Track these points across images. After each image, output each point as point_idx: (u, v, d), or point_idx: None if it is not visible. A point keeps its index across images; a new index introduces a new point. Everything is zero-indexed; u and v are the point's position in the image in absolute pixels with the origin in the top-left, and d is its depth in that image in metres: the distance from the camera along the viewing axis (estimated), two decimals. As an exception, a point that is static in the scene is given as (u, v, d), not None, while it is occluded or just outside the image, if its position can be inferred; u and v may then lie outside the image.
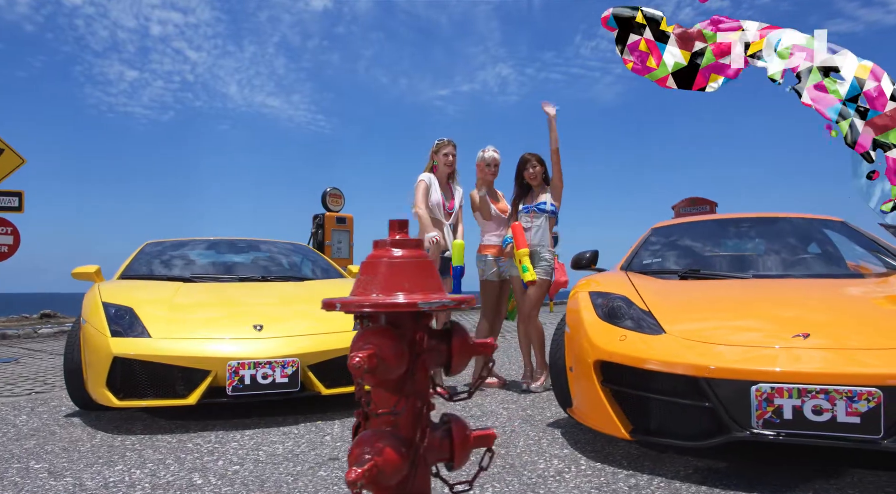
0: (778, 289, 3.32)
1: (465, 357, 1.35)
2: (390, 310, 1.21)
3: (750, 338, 2.74)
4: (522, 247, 4.82)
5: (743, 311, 3.09)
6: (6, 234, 7.93)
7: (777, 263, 3.85)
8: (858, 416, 2.41)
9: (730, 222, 4.50)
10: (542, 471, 2.88)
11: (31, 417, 4.25)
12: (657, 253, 4.30)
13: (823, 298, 3.12)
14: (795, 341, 2.65)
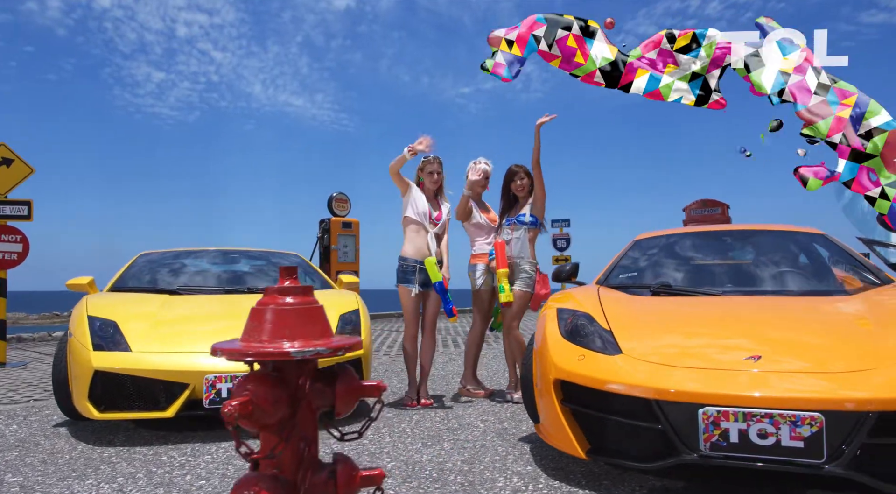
0: (743, 307, 3.31)
1: (350, 400, 1.39)
2: (264, 359, 1.25)
3: (702, 360, 2.74)
4: (502, 267, 4.87)
5: (703, 331, 3.09)
6: (16, 242, 8.10)
7: (751, 278, 3.84)
8: (802, 440, 2.41)
9: (711, 234, 4.49)
10: (498, 490, 2.91)
11: (21, 427, 4.37)
12: (634, 267, 4.30)
13: (786, 318, 3.11)
14: (746, 363, 2.66)
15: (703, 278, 3.92)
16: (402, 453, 3.56)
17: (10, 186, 8.08)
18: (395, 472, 3.20)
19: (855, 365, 2.57)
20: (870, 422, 2.39)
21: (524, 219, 5.06)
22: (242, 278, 5.33)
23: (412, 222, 4.87)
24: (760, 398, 2.47)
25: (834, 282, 3.71)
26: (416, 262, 4.83)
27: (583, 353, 3.03)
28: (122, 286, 5.00)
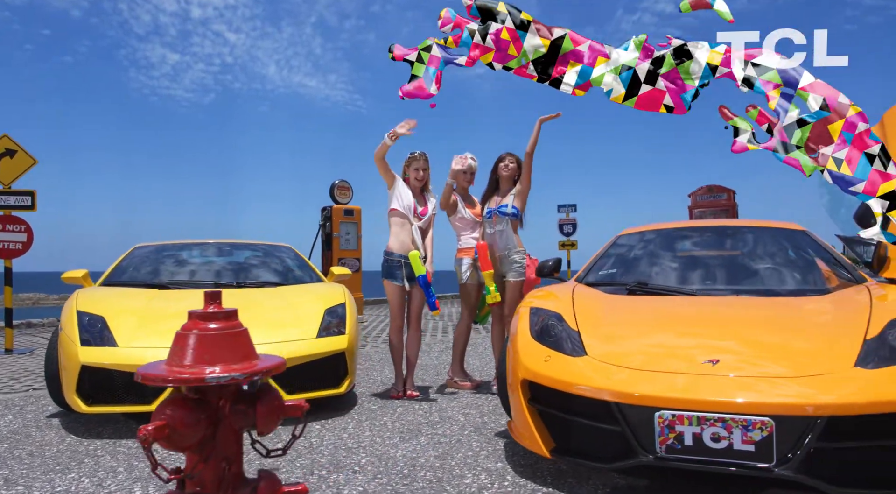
0: (713, 309, 3.33)
1: (271, 420, 1.45)
2: (182, 384, 1.31)
3: (662, 364, 2.78)
4: (487, 269, 4.92)
5: (668, 333, 3.13)
6: (20, 232, 8.25)
7: (727, 277, 3.85)
8: (753, 444, 2.46)
9: (693, 230, 4.50)
10: (465, 487, 2.98)
11: (17, 417, 4.50)
12: (615, 264, 4.33)
13: (752, 320, 3.13)
14: (704, 367, 2.69)
15: (681, 276, 3.94)
16: (378, 447, 3.64)
17: (13, 177, 8.21)
18: (368, 467, 3.28)
19: (810, 370, 2.60)
20: (819, 427, 2.42)
21: (506, 210, 5.11)
22: (233, 273, 5.41)
23: (397, 215, 4.92)
24: (714, 403, 2.51)
25: (808, 281, 3.72)
26: (401, 257, 4.88)
27: (549, 354, 3.08)
28: (114, 280, 5.10)
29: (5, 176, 8.15)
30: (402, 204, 4.92)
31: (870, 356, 2.64)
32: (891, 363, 2.60)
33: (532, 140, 5.09)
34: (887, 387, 2.48)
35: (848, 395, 2.45)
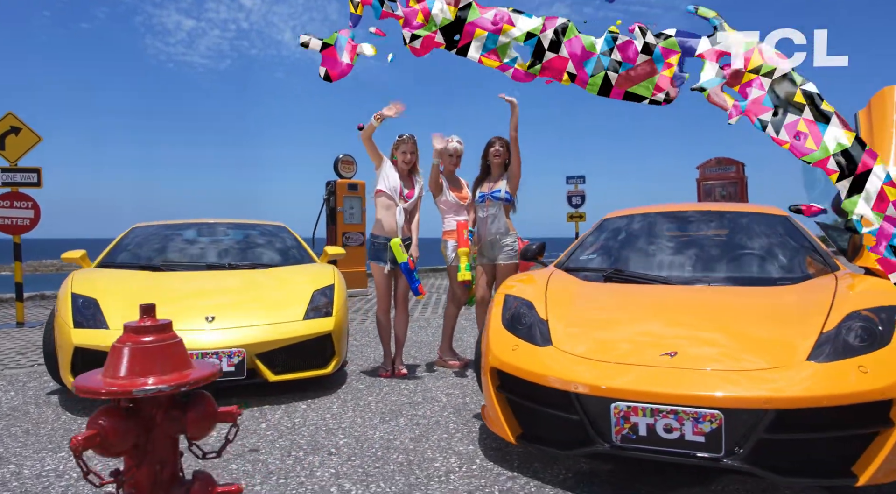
0: (681, 299, 3.38)
1: (203, 426, 1.54)
2: (112, 397, 1.40)
3: (621, 355, 2.84)
4: (462, 246, 4.99)
5: (633, 323, 3.18)
6: (27, 208, 8.42)
7: (703, 264, 3.88)
8: (703, 436, 2.53)
9: (675, 215, 4.51)
10: (434, 470, 3.09)
11: (18, 394, 4.68)
12: (596, 249, 4.37)
13: (717, 310, 3.18)
14: (662, 360, 2.75)
15: (658, 263, 3.97)
16: (357, 428, 3.76)
17: (19, 154, 8.34)
18: (344, 449, 3.40)
19: (763, 363, 2.65)
20: (767, 419, 2.49)
21: (499, 195, 5.14)
22: (226, 254, 5.51)
23: (383, 196, 4.98)
24: (666, 396, 2.58)
25: (781, 269, 3.74)
26: (386, 239, 4.96)
27: (517, 343, 3.16)
28: (110, 261, 5.23)
29: (11, 154, 8.28)
30: (389, 186, 4.97)
31: (823, 350, 2.69)
32: (843, 356, 2.64)
33: (512, 123, 5.08)
34: (835, 381, 2.53)
35: (796, 390, 2.50)
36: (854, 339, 2.74)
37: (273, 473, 3.09)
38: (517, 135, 5.11)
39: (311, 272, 5.09)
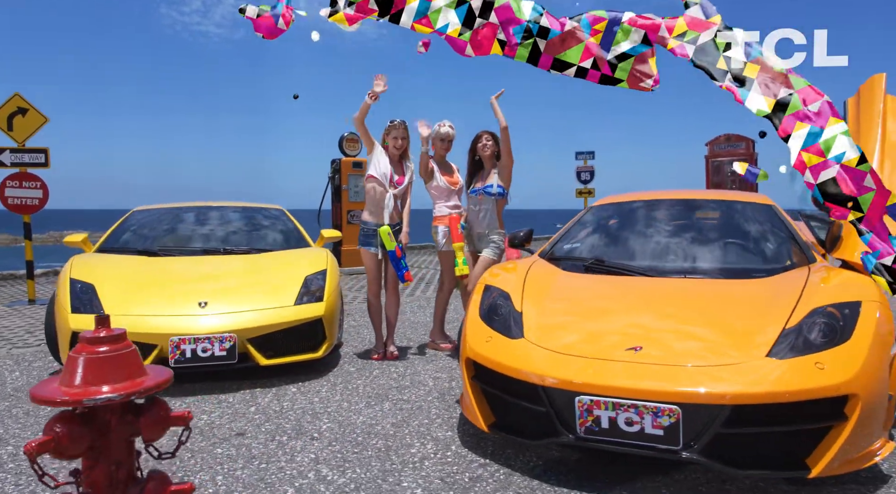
0: (655, 292, 3.43)
1: (156, 429, 1.64)
2: (65, 405, 1.50)
3: (587, 349, 2.92)
4: (457, 241, 5.05)
5: (605, 317, 3.24)
6: (36, 188, 8.58)
7: (683, 255, 3.91)
8: (662, 429, 2.61)
9: (661, 204, 4.53)
10: (409, 456, 3.21)
11: (23, 374, 4.86)
12: (581, 237, 4.42)
13: (687, 304, 3.23)
14: (626, 354, 2.83)
15: (638, 253, 4.02)
16: (342, 413, 3.88)
17: (26, 134, 8.48)
18: (327, 434, 3.53)
19: (723, 359, 2.72)
20: (724, 414, 2.56)
21: (491, 190, 5.19)
22: (221, 238, 5.62)
23: (373, 181, 5.05)
24: (628, 390, 2.66)
25: (758, 261, 3.77)
26: (376, 225, 5.03)
27: (491, 335, 3.25)
28: (109, 246, 5.35)
29: (19, 134, 8.42)
30: (379, 171, 5.03)
31: (783, 346, 2.75)
32: (802, 353, 2.70)
33: (499, 117, 5.13)
34: (791, 378, 2.59)
35: (752, 386, 2.57)
36: (815, 335, 2.79)
37: (255, 457, 3.22)
38: (507, 126, 5.14)
39: (305, 257, 5.19)
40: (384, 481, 2.94)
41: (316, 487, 2.88)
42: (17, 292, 9.88)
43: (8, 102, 8.35)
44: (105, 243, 5.41)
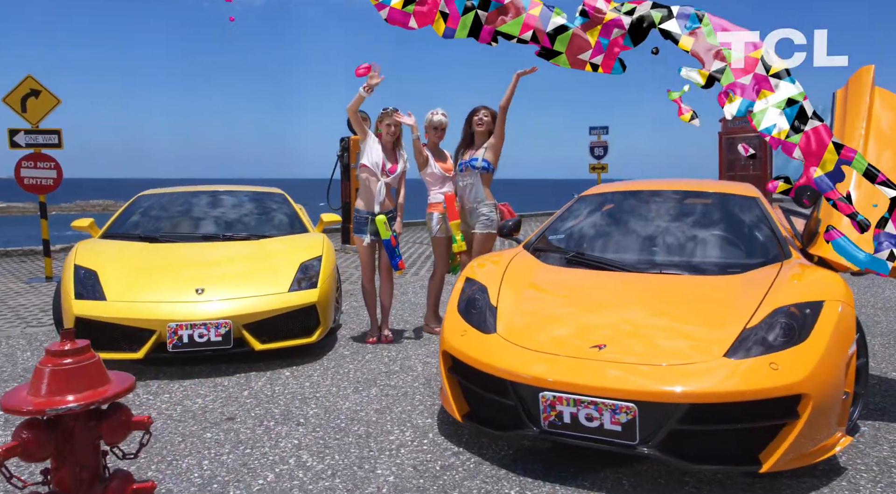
0: (627, 288, 3.50)
1: (117, 434, 1.79)
2: (30, 415, 1.65)
3: (553, 346, 3.02)
4: (453, 219, 5.14)
5: (575, 313, 3.32)
6: (50, 168, 8.80)
7: (662, 249, 3.98)
8: (620, 425, 2.73)
9: (647, 195, 4.57)
10: (387, 443, 3.36)
11: (34, 354, 5.09)
12: (566, 228, 4.49)
13: (656, 302, 3.31)
14: (591, 352, 2.93)
15: (618, 246, 4.09)
16: (331, 398, 4.04)
17: (40, 116, 8.67)
18: (312, 420, 3.69)
19: (681, 359, 2.81)
20: (679, 412, 2.67)
21: (476, 164, 5.26)
22: (221, 224, 5.77)
23: (366, 171, 5.15)
24: (588, 388, 2.77)
25: (734, 256, 3.82)
26: (368, 214, 5.15)
27: (466, 329, 3.36)
28: (114, 231, 5.53)
29: (32, 116, 8.61)
30: (371, 160, 5.13)
31: (741, 347, 2.83)
32: (758, 353, 2.79)
33: (508, 94, 5.21)
34: (745, 378, 2.69)
35: (706, 386, 2.67)
36: (774, 335, 2.87)
37: (242, 442, 3.40)
38: (508, 106, 5.20)
39: (301, 243, 5.33)
40: (360, 468, 3.10)
41: (294, 473, 3.05)
42: (37, 268, 10.17)
43: (21, 84, 8.53)
44: (110, 228, 5.59)
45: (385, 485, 2.92)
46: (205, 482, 2.98)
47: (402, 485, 2.92)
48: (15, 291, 8.19)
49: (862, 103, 4.06)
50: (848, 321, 3.01)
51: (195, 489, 2.91)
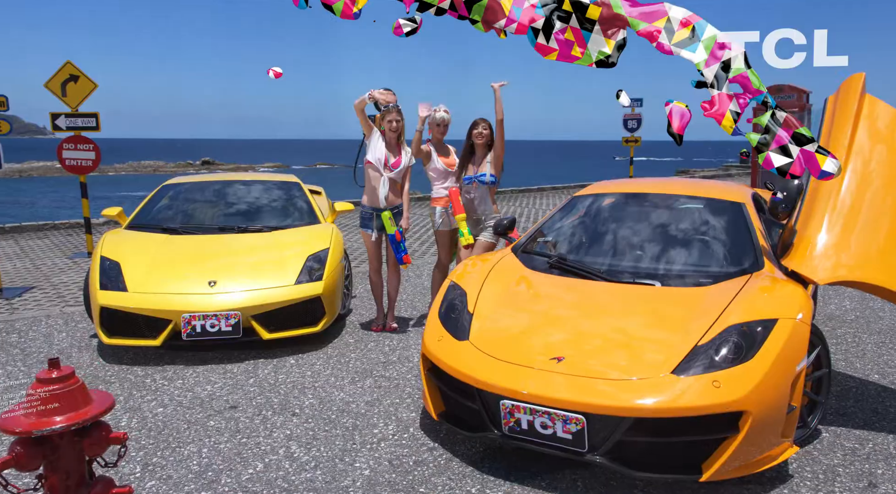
0: (598, 300, 3.66)
1: (97, 448, 2.10)
2: (20, 435, 1.97)
3: (516, 356, 3.24)
4: (459, 213, 5.33)
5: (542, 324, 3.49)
6: (89, 150, 9.25)
7: (643, 257, 4.11)
8: (570, 434, 2.96)
9: (636, 198, 4.68)
10: (371, 437, 3.66)
11: (68, 335, 5.55)
12: (556, 230, 4.66)
13: (621, 314, 3.49)
14: (549, 364, 3.15)
15: (599, 252, 4.25)
16: (327, 388, 4.36)
17: (79, 100, 9.10)
18: (307, 411, 4.02)
19: (631, 373, 3.01)
20: (626, 424, 2.88)
21: (484, 179, 5.43)
22: (237, 216, 6.08)
23: (370, 167, 5.38)
24: (542, 399, 3.00)
25: (707, 266, 3.93)
26: (372, 209, 5.40)
27: (442, 334, 3.61)
28: (138, 222, 5.91)
29: (72, 100, 9.05)
30: (375, 157, 5.35)
31: (689, 364, 3.01)
32: (704, 370, 2.96)
33: (497, 106, 5.35)
34: (687, 395, 2.87)
35: (651, 401, 2.87)
36: (723, 353, 3.04)
37: (240, 431, 3.74)
38: (503, 118, 5.35)
39: (309, 236, 5.63)
40: (341, 460, 3.41)
41: (281, 463, 3.38)
42: (81, 242, 10.76)
43: (61, 70, 8.95)
44: (135, 218, 5.97)
45: (360, 479, 3.23)
46: (202, 469, 3.33)
47: (375, 479, 3.22)
48: (59, 267, 8.76)
49: (850, 110, 4.09)
50: (799, 339, 3.16)
51: (192, 475, 3.27)
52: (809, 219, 3.82)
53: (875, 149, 3.98)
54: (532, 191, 19.48)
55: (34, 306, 6.62)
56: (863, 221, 3.77)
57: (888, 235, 3.74)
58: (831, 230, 3.72)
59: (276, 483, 3.20)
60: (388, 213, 5.32)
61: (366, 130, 5.44)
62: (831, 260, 3.64)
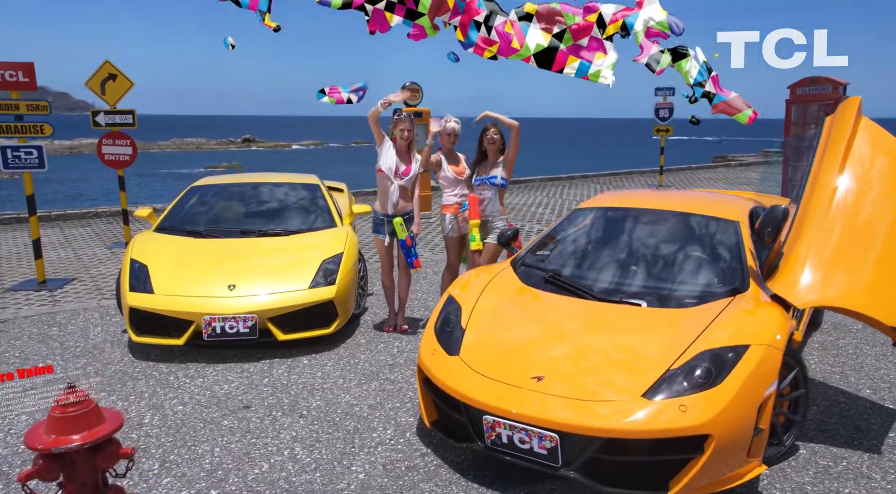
0: (585, 319, 3.84)
1: (108, 462, 2.41)
2: (42, 452, 2.28)
3: (503, 373, 3.46)
4: (474, 218, 5.54)
5: (528, 343, 3.71)
6: (126, 146, 9.68)
7: (632, 275, 4.27)
8: (546, 450, 3.19)
9: (635, 214, 4.82)
10: (370, 440, 3.94)
11: (103, 330, 5.95)
12: (555, 244, 4.84)
13: (604, 335, 3.67)
14: (529, 383, 3.37)
15: (593, 268, 4.42)
16: (334, 390, 4.65)
17: (117, 98, 9.51)
18: (313, 413, 4.31)
19: (604, 395, 3.21)
20: (597, 443, 3.10)
21: (495, 181, 5.62)
22: (258, 220, 6.39)
23: (382, 175, 5.61)
24: (520, 416, 3.22)
25: (694, 288, 4.06)
26: (384, 216, 5.64)
27: (435, 348, 3.85)
28: (166, 225, 6.26)
29: (111, 98, 9.46)
30: (386, 165, 5.58)
31: (661, 387, 3.19)
32: (673, 394, 3.14)
33: (505, 123, 5.62)
34: (655, 418, 3.06)
35: (620, 423, 3.07)
36: (693, 378, 3.22)
37: (251, 432, 4.06)
38: (518, 126, 5.55)
39: (325, 240, 5.92)
40: (339, 463, 3.70)
41: (285, 464, 3.68)
42: (121, 231, 11.26)
43: (100, 69, 9.36)
44: (163, 221, 6.32)
45: (354, 482, 3.51)
46: (213, 468, 3.65)
47: (368, 483, 3.50)
48: (98, 257, 9.26)
49: (845, 132, 4.15)
50: (770, 364, 3.31)
51: (204, 473, 3.59)
52: (795, 242, 3.92)
53: (866, 172, 4.05)
54: (561, 179, 19.52)
55: (74, 298, 7.07)
56: (849, 246, 3.86)
57: (875, 261, 3.83)
58: (816, 255, 3.82)
59: (278, 483, 3.50)
60: (400, 219, 5.56)
61: (378, 139, 5.66)
62: (813, 284, 3.75)
